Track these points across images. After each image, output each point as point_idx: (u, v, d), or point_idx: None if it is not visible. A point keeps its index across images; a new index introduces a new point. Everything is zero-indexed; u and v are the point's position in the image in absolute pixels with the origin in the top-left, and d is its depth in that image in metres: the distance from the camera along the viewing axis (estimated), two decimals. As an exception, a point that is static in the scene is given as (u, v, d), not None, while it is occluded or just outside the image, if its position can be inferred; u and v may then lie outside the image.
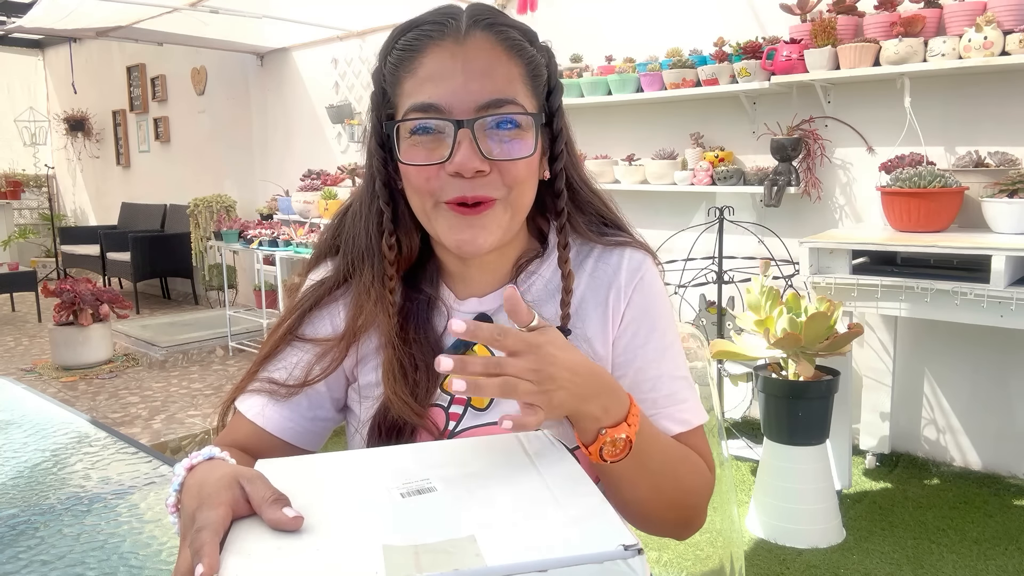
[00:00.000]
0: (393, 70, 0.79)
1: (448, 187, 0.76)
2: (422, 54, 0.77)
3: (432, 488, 0.58)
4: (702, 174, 3.58)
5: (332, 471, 0.64)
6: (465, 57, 0.75)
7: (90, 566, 0.80)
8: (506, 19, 0.79)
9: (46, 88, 9.16)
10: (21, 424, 1.22)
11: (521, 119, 0.76)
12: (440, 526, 0.52)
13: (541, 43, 0.82)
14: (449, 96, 0.75)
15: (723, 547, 1.24)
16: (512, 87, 0.77)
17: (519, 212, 0.81)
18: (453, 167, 0.74)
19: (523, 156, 0.77)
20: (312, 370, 0.83)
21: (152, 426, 3.73)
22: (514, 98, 0.76)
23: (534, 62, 0.80)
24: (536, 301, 0.86)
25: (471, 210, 0.77)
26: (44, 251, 8.84)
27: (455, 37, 0.76)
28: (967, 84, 3.00)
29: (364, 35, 5.27)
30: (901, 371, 3.26)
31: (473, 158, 0.74)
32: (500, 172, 0.76)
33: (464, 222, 0.77)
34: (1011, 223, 2.69)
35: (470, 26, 0.77)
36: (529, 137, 0.77)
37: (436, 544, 0.50)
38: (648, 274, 0.87)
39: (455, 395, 0.79)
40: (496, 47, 0.77)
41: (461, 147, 0.74)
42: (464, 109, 0.75)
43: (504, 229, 0.80)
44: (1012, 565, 2.43)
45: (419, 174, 0.77)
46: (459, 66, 0.75)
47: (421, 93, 0.76)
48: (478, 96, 0.75)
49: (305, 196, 5.17)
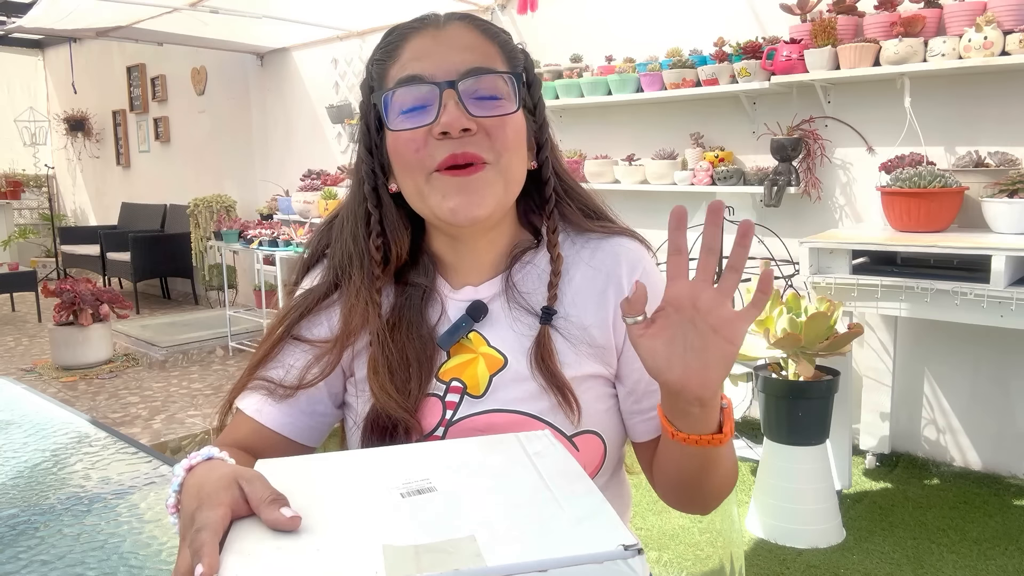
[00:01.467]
0: (379, 66, 0.83)
1: (437, 151, 0.78)
2: (404, 42, 0.82)
3: (432, 488, 0.58)
4: (702, 174, 3.58)
5: (332, 471, 0.64)
6: (444, 38, 0.81)
7: (90, 566, 0.80)
8: (483, 19, 0.86)
9: (46, 88, 9.16)
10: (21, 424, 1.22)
11: (502, 88, 0.80)
12: (440, 526, 0.52)
13: (516, 43, 0.87)
14: (432, 67, 0.79)
15: (723, 547, 1.24)
16: (491, 60, 0.81)
17: (511, 184, 0.82)
18: (440, 127, 0.77)
19: (507, 112, 0.79)
20: (309, 372, 0.84)
21: (152, 426, 3.73)
22: (493, 67, 0.80)
23: (510, 47, 0.84)
24: (531, 291, 0.87)
25: (462, 171, 0.79)
26: (44, 251, 8.84)
27: (435, 25, 0.82)
28: (967, 84, 3.00)
29: (364, 35, 5.27)
30: (901, 371, 3.26)
31: (459, 116, 0.77)
32: (488, 134, 0.79)
33: (456, 185, 0.79)
34: (1011, 223, 2.69)
35: (448, 18, 0.83)
36: (512, 101, 0.80)
37: (436, 544, 0.50)
38: (648, 265, 0.89)
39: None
40: (473, 31, 0.82)
41: (447, 107, 0.77)
42: (447, 75, 0.78)
43: (497, 199, 0.81)
44: (1012, 565, 2.43)
45: (408, 144, 0.79)
46: (439, 44, 0.80)
47: (405, 71, 0.80)
48: (459, 65, 0.79)
49: (305, 196, 5.17)
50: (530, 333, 0.84)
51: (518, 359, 0.83)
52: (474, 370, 0.84)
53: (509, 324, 0.85)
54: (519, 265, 0.88)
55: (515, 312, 0.85)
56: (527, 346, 0.84)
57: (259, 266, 5.17)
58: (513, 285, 0.87)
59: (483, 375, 0.82)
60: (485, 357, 0.84)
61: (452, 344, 0.84)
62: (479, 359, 0.84)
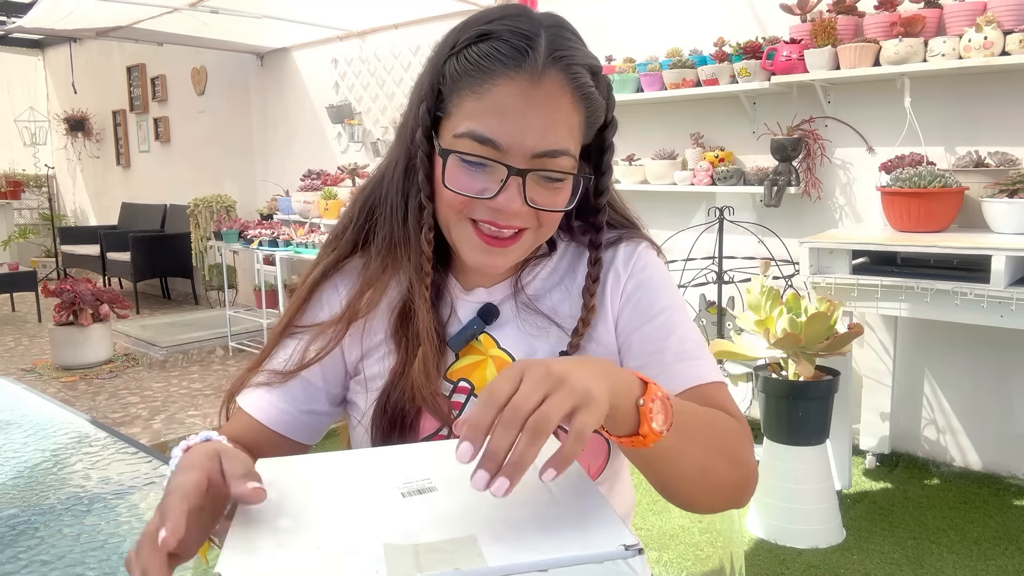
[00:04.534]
0: (456, 77, 0.76)
1: (481, 211, 0.77)
2: (493, 80, 0.74)
3: (433, 488, 0.58)
4: (702, 174, 3.58)
5: (333, 470, 0.64)
6: (536, 101, 0.74)
7: (90, 566, 0.80)
8: (579, 54, 0.77)
9: (46, 88, 9.16)
10: (21, 424, 1.22)
11: (568, 171, 0.77)
12: (441, 526, 0.52)
13: (603, 76, 0.81)
14: (509, 137, 0.74)
15: (723, 547, 1.24)
16: (570, 138, 0.77)
17: (541, 240, 0.83)
18: (496, 205, 0.76)
19: (562, 209, 0.79)
20: (309, 350, 0.84)
21: (152, 426, 3.73)
22: (568, 149, 0.76)
23: (595, 106, 0.79)
24: (537, 294, 0.87)
25: (500, 243, 0.79)
26: (44, 251, 8.84)
27: (531, 72, 0.74)
28: (967, 84, 3.00)
29: (364, 35, 5.27)
30: (901, 371, 3.26)
31: (516, 201, 0.75)
32: (537, 216, 0.78)
33: (488, 248, 0.79)
34: (1011, 223, 2.69)
35: (547, 63, 0.74)
36: (569, 190, 0.79)
37: (436, 543, 0.50)
38: (643, 255, 0.88)
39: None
40: (565, 92, 0.75)
41: (508, 189, 0.75)
42: (521, 154, 0.74)
43: (523, 255, 0.82)
44: (1012, 565, 2.43)
45: (456, 197, 0.77)
46: (528, 108, 0.74)
47: (483, 123, 0.74)
48: (538, 145, 0.74)
49: (305, 196, 5.18)
50: (538, 335, 0.85)
51: None
52: (483, 372, 0.84)
53: (519, 327, 0.86)
54: (529, 268, 0.88)
55: (524, 315, 0.86)
56: (536, 349, 0.85)
57: (259, 266, 5.16)
58: (522, 288, 0.87)
59: (492, 377, 0.83)
60: (495, 359, 0.85)
61: (463, 346, 0.85)
62: (488, 361, 0.85)
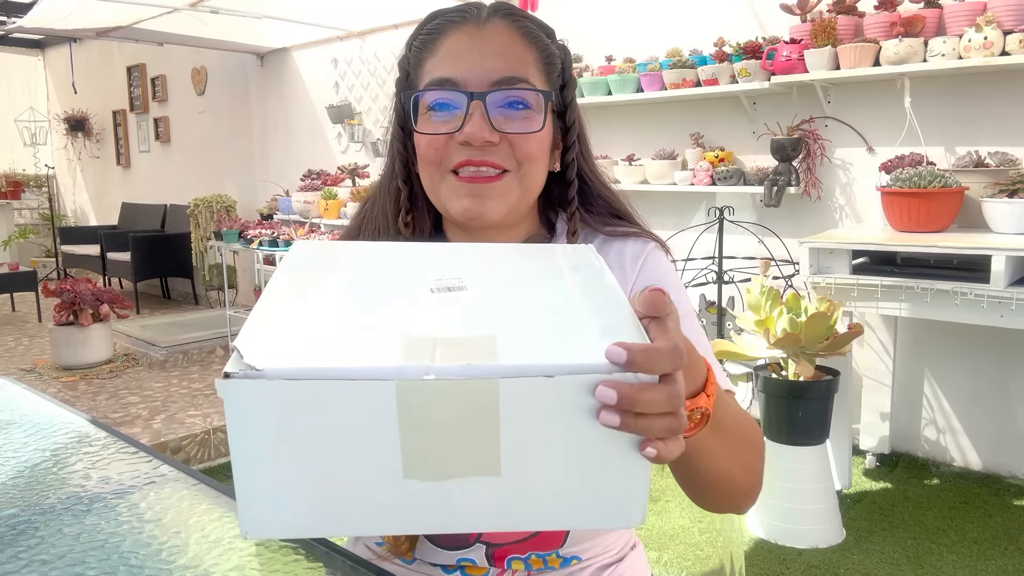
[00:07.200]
0: (417, 53, 0.84)
1: (455, 154, 0.80)
2: (443, 35, 0.82)
3: (463, 287, 0.58)
4: (702, 174, 3.58)
5: (368, 259, 0.65)
6: (483, 39, 0.81)
7: (90, 566, 0.80)
8: (526, 13, 0.85)
9: (46, 88, 9.16)
10: (21, 424, 1.22)
11: (531, 100, 0.80)
12: (463, 323, 0.52)
13: (558, 40, 0.86)
14: (465, 72, 0.79)
15: (723, 547, 1.24)
16: (525, 69, 0.81)
17: (528, 191, 0.83)
18: (463, 136, 0.78)
19: (531, 131, 0.80)
20: None
21: (152, 426, 3.73)
22: (526, 78, 0.80)
23: (548, 51, 0.84)
24: None
25: (479, 179, 0.80)
26: (44, 251, 8.84)
27: (475, 22, 0.82)
28: (967, 84, 3.00)
29: (364, 35, 5.27)
30: (901, 371, 3.26)
31: (483, 128, 0.78)
32: (511, 145, 0.80)
33: (470, 190, 0.80)
34: (1011, 223, 2.69)
35: (490, 14, 0.83)
36: (538, 116, 0.81)
37: (455, 339, 0.49)
38: (653, 255, 0.88)
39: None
40: (513, 33, 0.82)
41: (472, 117, 0.78)
42: (478, 83, 0.79)
43: (511, 204, 0.82)
44: (1012, 565, 2.43)
45: (430, 144, 0.81)
46: (476, 46, 0.80)
47: (439, 69, 0.81)
48: (492, 73, 0.79)
49: (305, 196, 5.18)
50: None
51: None
52: None
53: None
54: None
55: None
56: None
57: (259, 266, 5.16)
58: None
59: None
60: None
61: None
62: None
